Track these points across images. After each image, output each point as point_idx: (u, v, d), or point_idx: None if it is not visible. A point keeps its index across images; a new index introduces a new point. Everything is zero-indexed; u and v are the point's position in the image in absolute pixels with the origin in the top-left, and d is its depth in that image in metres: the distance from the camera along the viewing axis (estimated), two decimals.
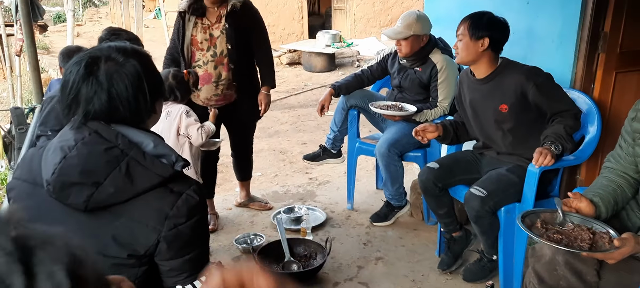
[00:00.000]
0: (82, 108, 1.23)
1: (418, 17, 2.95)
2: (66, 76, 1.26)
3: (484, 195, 2.33)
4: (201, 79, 2.94)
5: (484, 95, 2.49)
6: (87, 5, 20.59)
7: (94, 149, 1.20)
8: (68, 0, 7.03)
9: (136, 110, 1.26)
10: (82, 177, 1.18)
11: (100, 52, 1.27)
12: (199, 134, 2.67)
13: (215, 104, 3.01)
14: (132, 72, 1.25)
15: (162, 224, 1.22)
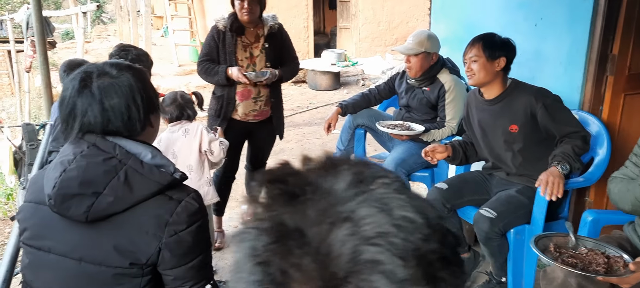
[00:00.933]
0: (78, 121, 1.26)
1: (429, 36, 2.99)
2: (63, 92, 1.31)
3: (493, 217, 2.32)
4: (241, 94, 3.02)
5: (494, 116, 2.50)
6: (95, 23, 20.82)
7: (93, 160, 1.23)
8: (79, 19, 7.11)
9: (129, 120, 1.28)
10: (82, 188, 1.20)
11: (94, 67, 1.31)
12: (221, 149, 2.70)
13: (253, 119, 3.12)
14: (125, 84, 1.28)
15: (163, 231, 1.24)
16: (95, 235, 1.25)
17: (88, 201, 1.21)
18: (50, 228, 1.28)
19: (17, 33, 11.55)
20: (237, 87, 3.03)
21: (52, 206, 1.23)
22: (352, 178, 0.48)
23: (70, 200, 1.21)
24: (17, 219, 1.36)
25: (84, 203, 1.20)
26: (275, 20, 3.07)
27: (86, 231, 1.25)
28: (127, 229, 1.24)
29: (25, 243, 1.32)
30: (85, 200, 1.21)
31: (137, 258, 1.24)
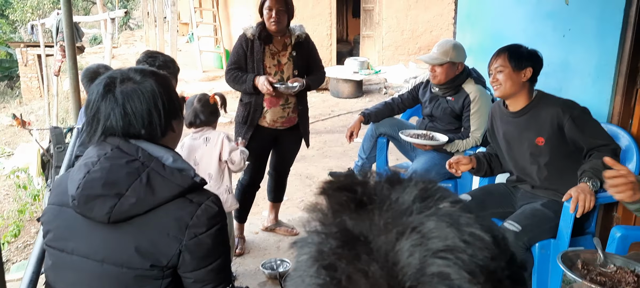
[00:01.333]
0: (101, 124, 1.30)
1: (454, 46, 2.96)
2: (89, 96, 1.35)
3: (518, 230, 2.28)
4: (269, 101, 3.05)
5: (519, 128, 2.46)
6: (122, 29, 21.23)
7: (116, 162, 1.26)
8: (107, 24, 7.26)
9: (149, 125, 1.31)
10: (105, 189, 1.23)
11: (119, 73, 1.35)
12: (242, 158, 2.71)
13: (281, 125, 3.14)
14: (148, 89, 1.31)
15: (183, 233, 1.25)
16: (117, 236, 1.27)
17: (111, 202, 1.23)
18: (73, 230, 1.30)
19: (47, 38, 11.85)
20: (271, 94, 3.05)
21: (75, 207, 1.26)
22: (419, 193, 0.48)
23: (94, 201, 1.23)
24: (41, 221, 1.39)
25: (107, 204, 1.22)
26: (302, 30, 3.12)
27: (108, 233, 1.27)
28: (149, 231, 1.26)
29: (49, 244, 1.35)
30: (108, 201, 1.23)
31: (157, 260, 1.25)
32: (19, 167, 6.72)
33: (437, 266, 0.43)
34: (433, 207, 0.47)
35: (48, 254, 1.37)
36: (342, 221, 0.47)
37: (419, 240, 0.44)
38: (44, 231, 1.36)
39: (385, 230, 0.45)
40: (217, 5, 10.99)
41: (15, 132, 10.45)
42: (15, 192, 6.20)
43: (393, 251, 0.44)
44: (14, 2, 22.20)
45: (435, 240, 0.44)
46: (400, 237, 0.44)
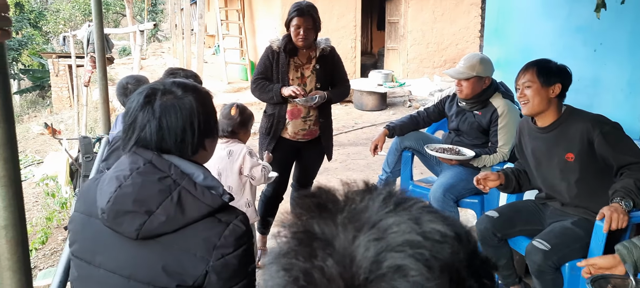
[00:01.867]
0: (136, 134, 1.29)
1: (481, 60, 2.92)
2: (129, 104, 1.35)
3: (547, 249, 2.22)
4: (290, 113, 3.08)
5: (548, 144, 2.41)
6: (151, 41, 21.66)
7: (148, 179, 1.24)
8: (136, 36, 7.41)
9: (182, 142, 1.30)
10: (136, 205, 1.22)
11: (161, 85, 1.34)
12: (262, 174, 2.70)
13: (302, 138, 3.15)
14: (187, 106, 1.31)
15: (210, 254, 1.23)
16: (144, 253, 1.26)
17: (140, 219, 1.22)
18: (101, 243, 1.30)
19: (78, 49, 12.16)
20: (288, 105, 3.07)
21: (104, 220, 1.25)
22: (387, 197, 0.49)
23: (123, 217, 1.23)
24: (68, 230, 1.39)
25: (136, 221, 1.22)
26: (328, 43, 3.13)
27: (136, 249, 1.26)
28: (176, 250, 1.24)
29: (76, 255, 1.35)
30: (137, 218, 1.22)
31: (183, 280, 1.24)
32: (48, 175, 6.87)
33: (393, 260, 0.43)
34: (398, 208, 0.48)
35: (74, 265, 1.37)
36: (304, 223, 0.49)
37: (377, 235, 0.45)
38: (71, 240, 1.37)
39: (344, 229, 0.46)
40: (243, 18, 11.12)
41: (45, 141, 10.70)
42: (43, 200, 6.33)
43: (351, 247, 0.45)
44: (48, 14, 22.89)
45: (393, 235, 0.45)
46: (358, 234, 0.45)
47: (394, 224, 0.46)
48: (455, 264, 0.45)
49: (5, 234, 0.94)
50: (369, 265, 0.43)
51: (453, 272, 0.44)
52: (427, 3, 10.48)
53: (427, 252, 0.44)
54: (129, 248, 1.26)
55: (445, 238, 0.45)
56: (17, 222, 0.94)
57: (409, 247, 0.44)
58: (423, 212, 0.48)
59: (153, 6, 25.15)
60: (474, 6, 10.77)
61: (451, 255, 0.45)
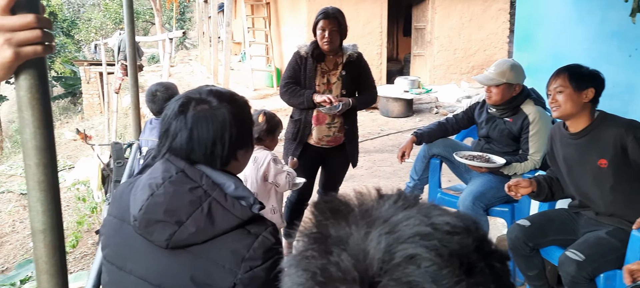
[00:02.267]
0: (168, 142, 1.30)
1: (512, 66, 2.87)
2: (166, 110, 1.35)
3: (581, 260, 2.16)
4: (316, 119, 3.09)
5: (580, 151, 2.35)
6: (178, 48, 22.02)
7: (179, 188, 1.25)
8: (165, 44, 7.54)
9: (211, 154, 1.30)
10: (166, 215, 1.22)
11: (197, 93, 1.34)
12: (287, 182, 2.70)
13: (326, 144, 3.16)
14: (219, 118, 1.30)
15: (239, 266, 1.22)
16: (174, 263, 1.26)
17: (170, 229, 1.22)
18: (133, 249, 1.30)
19: (108, 57, 12.44)
20: (313, 112, 3.08)
21: (136, 228, 1.26)
22: (398, 199, 0.52)
23: (154, 226, 1.23)
24: (100, 233, 1.41)
25: (167, 231, 1.22)
26: (355, 50, 3.13)
27: (166, 258, 1.26)
28: (205, 261, 1.24)
29: (108, 260, 1.36)
30: (168, 228, 1.22)
31: None
32: (79, 180, 7.03)
33: (405, 250, 0.46)
34: (408, 206, 0.51)
35: (105, 270, 1.39)
36: (319, 225, 0.51)
37: (388, 229, 0.48)
38: (103, 245, 1.38)
39: (356, 226, 0.49)
40: (269, 25, 11.21)
41: (76, 146, 10.96)
42: (74, 204, 6.48)
43: (364, 242, 0.47)
44: (80, 23, 23.50)
45: (404, 227, 0.48)
46: (370, 229, 0.48)
47: (404, 218, 0.48)
48: (464, 250, 0.47)
49: (43, 238, 0.95)
50: (382, 256, 0.46)
51: (463, 257, 0.46)
52: (454, 9, 10.39)
53: (437, 241, 0.46)
54: (159, 256, 1.26)
55: (454, 228, 0.48)
56: (54, 227, 0.96)
57: (419, 237, 0.46)
58: (432, 208, 0.51)
59: (181, 14, 25.59)
60: (503, 12, 10.64)
61: (460, 242, 0.47)
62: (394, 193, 0.54)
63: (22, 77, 0.89)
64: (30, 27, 0.85)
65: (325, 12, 3.01)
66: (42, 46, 0.87)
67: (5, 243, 7.04)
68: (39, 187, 0.94)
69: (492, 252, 0.50)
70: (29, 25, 0.85)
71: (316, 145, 3.15)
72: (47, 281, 0.97)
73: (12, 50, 0.84)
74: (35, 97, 0.90)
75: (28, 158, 0.93)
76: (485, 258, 0.48)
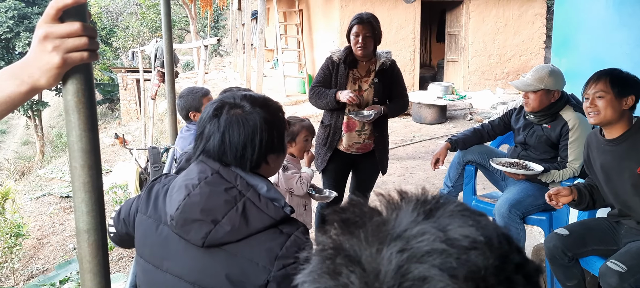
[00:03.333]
0: (202, 144, 1.35)
1: (551, 72, 2.80)
2: (202, 113, 1.41)
3: (623, 271, 2.09)
4: (346, 125, 3.10)
5: (618, 158, 2.28)
6: (212, 55, 22.38)
7: (215, 189, 1.29)
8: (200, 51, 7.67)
9: (241, 158, 1.33)
10: (203, 214, 1.26)
11: (231, 97, 1.38)
12: (299, 186, 2.70)
13: (356, 151, 3.15)
14: (251, 123, 1.33)
15: (272, 264, 1.25)
16: (209, 261, 1.29)
17: (207, 228, 1.26)
18: (169, 249, 1.34)
19: (145, 64, 12.74)
20: (344, 117, 3.07)
21: (173, 227, 1.30)
22: (418, 205, 0.49)
23: (191, 225, 1.27)
24: (136, 232, 1.44)
25: (203, 229, 1.26)
26: (388, 57, 3.11)
27: (202, 256, 1.29)
28: (240, 259, 1.27)
29: (144, 259, 1.40)
30: (204, 226, 1.26)
31: None
32: (116, 183, 7.21)
33: (418, 271, 0.43)
34: (425, 215, 0.48)
35: (141, 269, 1.42)
36: (330, 240, 0.49)
37: (401, 246, 0.45)
38: (139, 244, 1.42)
39: (368, 243, 0.47)
40: (301, 32, 11.29)
41: (114, 151, 11.25)
42: (111, 207, 6.65)
43: (375, 261, 0.45)
44: (118, 31, 24.18)
45: (418, 244, 0.45)
46: (382, 246, 0.46)
47: (419, 234, 0.45)
48: (482, 271, 0.44)
49: (87, 238, 0.98)
50: (392, 277, 0.44)
51: (479, 280, 0.43)
52: (489, 14, 10.25)
53: (453, 260, 0.43)
54: (195, 255, 1.29)
55: (473, 244, 0.45)
56: (98, 227, 0.99)
57: (433, 256, 0.44)
58: (454, 216, 0.47)
59: (215, 22, 26.03)
60: (539, 16, 10.43)
61: (478, 260, 0.44)
62: (415, 197, 0.51)
63: (69, 81, 0.93)
64: (77, 34, 0.88)
65: (359, 17, 3.01)
66: (88, 53, 0.91)
67: (46, 245, 7.27)
68: (84, 188, 0.97)
69: (517, 267, 0.46)
70: (76, 33, 0.88)
71: (346, 151, 3.15)
72: (90, 280, 1.00)
73: (61, 56, 0.88)
74: (82, 101, 0.94)
75: (74, 160, 0.96)
76: (507, 280, 0.45)
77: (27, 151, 18.94)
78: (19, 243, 6.14)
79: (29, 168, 13.84)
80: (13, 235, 6.04)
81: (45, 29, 0.87)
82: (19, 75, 0.89)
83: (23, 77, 0.89)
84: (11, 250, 6.02)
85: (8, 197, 6.45)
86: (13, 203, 6.91)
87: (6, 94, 0.89)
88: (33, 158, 16.06)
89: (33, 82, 0.89)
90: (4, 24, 17.61)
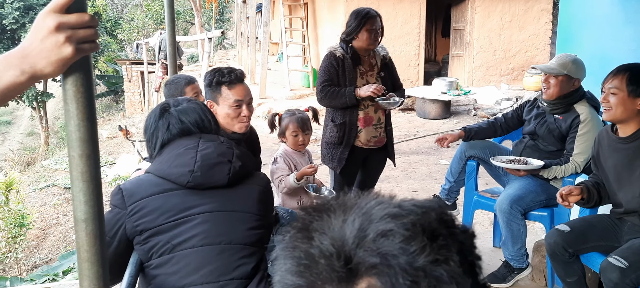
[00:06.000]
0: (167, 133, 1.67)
1: (574, 60, 2.79)
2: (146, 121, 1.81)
3: (624, 267, 2.08)
4: (363, 121, 3.08)
5: (630, 156, 2.26)
6: (217, 48, 22.38)
7: (214, 142, 1.61)
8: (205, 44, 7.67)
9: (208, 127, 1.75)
10: (220, 157, 1.58)
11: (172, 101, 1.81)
12: (276, 183, 2.73)
13: (373, 145, 3.15)
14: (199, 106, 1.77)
15: None
16: (237, 196, 1.63)
17: (227, 167, 1.58)
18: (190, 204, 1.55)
19: (149, 56, 12.74)
20: (359, 113, 3.05)
21: (197, 178, 1.54)
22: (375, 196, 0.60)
23: (214, 169, 1.56)
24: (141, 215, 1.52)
25: (225, 168, 1.58)
26: (386, 50, 3.18)
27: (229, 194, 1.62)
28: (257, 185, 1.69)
29: (162, 231, 1.52)
30: (224, 166, 1.58)
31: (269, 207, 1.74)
32: (120, 175, 7.23)
33: (377, 227, 0.54)
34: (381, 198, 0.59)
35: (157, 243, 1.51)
36: (303, 220, 0.59)
37: (362, 213, 0.56)
38: (147, 227, 1.51)
39: (336, 216, 0.57)
40: (306, 25, 11.27)
41: (117, 143, 11.28)
42: None
43: (341, 227, 0.55)
44: (123, 23, 24.19)
45: (376, 211, 0.55)
46: (347, 216, 0.56)
47: (376, 204, 0.57)
48: (427, 220, 0.55)
49: (85, 227, 0.99)
50: (356, 233, 0.53)
51: (425, 225, 0.54)
52: (494, 9, 10.19)
53: (404, 218, 0.54)
54: (221, 196, 1.59)
55: (419, 207, 0.57)
56: (95, 216, 0.99)
57: (389, 217, 0.54)
58: (404, 199, 0.59)
59: (220, 15, 26.02)
60: (545, 12, 10.37)
61: (423, 216, 0.56)
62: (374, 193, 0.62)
63: (68, 71, 0.93)
64: (88, 25, 0.89)
65: (369, 13, 2.99)
66: (95, 44, 0.91)
67: (49, 235, 7.32)
68: (82, 177, 0.97)
69: (454, 224, 0.58)
70: (87, 23, 0.89)
71: (364, 146, 3.12)
72: (88, 268, 1.01)
73: (74, 47, 0.87)
74: (80, 91, 0.94)
75: (72, 150, 0.96)
76: (447, 227, 0.56)
77: (32, 142, 19.01)
78: (22, 233, 6.18)
79: (34, 159, 13.90)
80: (17, 225, 6.08)
81: (57, 19, 0.86)
82: (19, 65, 0.88)
83: (23, 66, 0.88)
84: (15, 240, 6.06)
85: (12, 187, 6.48)
86: (17, 194, 6.95)
87: (4, 84, 0.88)
88: (37, 149, 16.13)
89: (35, 71, 0.88)
90: (10, 15, 17.68)
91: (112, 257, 1.49)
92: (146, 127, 1.70)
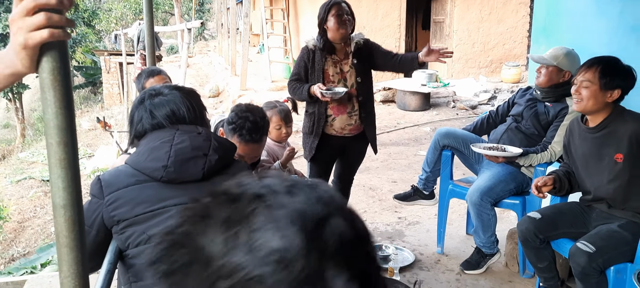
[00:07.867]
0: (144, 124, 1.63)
1: (567, 53, 2.85)
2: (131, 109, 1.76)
3: (591, 251, 2.17)
4: (337, 109, 3.11)
5: (597, 145, 2.34)
6: (197, 39, 22.17)
7: (190, 135, 1.55)
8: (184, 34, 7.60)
9: None
10: (194, 151, 1.52)
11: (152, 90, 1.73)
12: None
13: (349, 133, 3.18)
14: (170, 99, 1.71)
15: None
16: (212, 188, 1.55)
17: (202, 161, 1.53)
18: (164, 195, 1.52)
19: (128, 47, 12.58)
20: (332, 102, 3.09)
21: (170, 173, 1.49)
22: None
23: (187, 163, 1.51)
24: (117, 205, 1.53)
25: (199, 163, 1.52)
26: (360, 36, 3.17)
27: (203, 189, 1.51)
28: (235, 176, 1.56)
29: (137, 222, 1.51)
30: (199, 161, 1.52)
31: None
32: (99, 167, 7.17)
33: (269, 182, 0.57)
34: None
35: (133, 232, 1.51)
36: None
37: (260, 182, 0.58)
38: (123, 217, 1.50)
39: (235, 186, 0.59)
40: (287, 17, 11.24)
41: (96, 135, 11.15)
42: None
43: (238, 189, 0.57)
44: (100, 13, 23.78)
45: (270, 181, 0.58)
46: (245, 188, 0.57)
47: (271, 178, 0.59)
48: None
49: (63, 213, 1.00)
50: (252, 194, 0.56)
51: None
52: (474, 2, 10.30)
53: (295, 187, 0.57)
54: (199, 187, 1.51)
55: None
56: (74, 203, 1.01)
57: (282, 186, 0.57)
58: None
59: (200, 5, 25.73)
60: (523, 5, 10.50)
61: None
62: None
63: (45, 59, 0.94)
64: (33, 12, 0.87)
65: (333, 1, 3.03)
66: (50, 30, 0.89)
67: (27, 228, 7.22)
68: (60, 164, 0.98)
69: None
70: (32, 10, 0.87)
71: (339, 135, 3.16)
72: (67, 254, 1.02)
73: (23, 37, 0.88)
74: (57, 79, 0.95)
75: (50, 137, 0.98)
76: None
77: (8, 134, 18.65)
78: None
79: (10, 151, 13.66)
80: None
81: (12, 14, 0.88)
82: (3, 59, 0.93)
83: (6, 62, 0.92)
84: None
85: None
86: None
87: None
88: (14, 142, 15.84)
89: (14, 67, 0.92)
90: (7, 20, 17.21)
91: (91, 246, 1.50)
92: (129, 118, 1.71)
